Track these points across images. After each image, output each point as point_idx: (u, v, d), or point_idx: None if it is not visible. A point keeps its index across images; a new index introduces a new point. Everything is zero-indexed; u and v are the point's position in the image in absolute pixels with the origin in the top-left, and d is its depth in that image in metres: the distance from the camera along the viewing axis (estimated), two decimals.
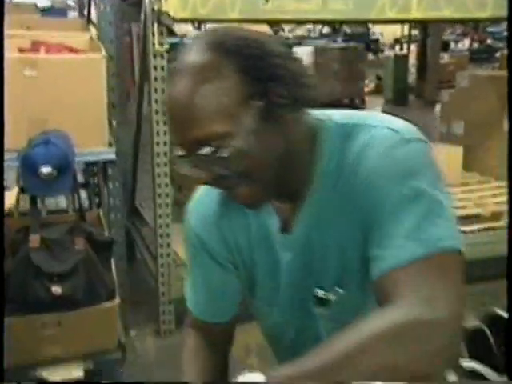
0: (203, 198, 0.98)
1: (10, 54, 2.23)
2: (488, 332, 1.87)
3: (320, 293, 0.91)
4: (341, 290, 0.89)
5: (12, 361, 2.18)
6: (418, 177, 0.77)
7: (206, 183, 0.84)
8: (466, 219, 3.30)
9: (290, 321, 0.97)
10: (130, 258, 3.44)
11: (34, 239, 2.18)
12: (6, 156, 2.10)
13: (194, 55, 0.78)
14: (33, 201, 2.35)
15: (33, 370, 2.30)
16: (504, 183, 3.54)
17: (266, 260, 0.95)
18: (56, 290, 2.18)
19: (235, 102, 0.77)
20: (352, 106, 10.20)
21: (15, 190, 2.24)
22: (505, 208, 3.22)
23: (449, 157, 3.79)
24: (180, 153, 0.80)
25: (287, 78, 0.79)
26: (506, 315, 1.90)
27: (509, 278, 1.46)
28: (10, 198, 2.25)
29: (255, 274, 0.97)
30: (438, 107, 5.21)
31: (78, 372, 2.33)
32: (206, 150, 0.77)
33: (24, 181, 2.20)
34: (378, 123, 0.84)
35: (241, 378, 0.70)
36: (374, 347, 0.67)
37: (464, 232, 3.31)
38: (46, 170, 2.09)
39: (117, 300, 2.36)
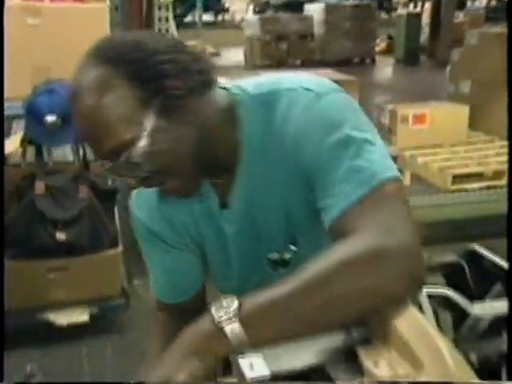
0: (142, 188, 0.98)
1: (13, 2, 2.24)
2: (466, 266, 1.95)
3: (274, 256, 0.94)
4: (294, 247, 0.92)
5: (20, 304, 2.27)
6: (339, 126, 0.80)
7: (136, 188, 0.87)
8: (469, 177, 3.32)
9: (249, 283, 0.99)
10: None
11: (39, 186, 2.23)
12: (11, 104, 2.14)
13: (83, 74, 0.81)
14: (38, 150, 2.40)
15: (40, 312, 2.39)
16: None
17: (212, 236, 0.96)
18: (60, 236, 2.24)
19: (132, 107, 0.79)
20: (362, 65, 10.09)
21: (19, 135, 2.27)
22: (506, 167, 3.23)
23: (454, 116, 3.78)
24: (105, 165, 0.84)
25: (177, 70, 0.81)
26: (484, 251, 1.97)
27: (509, 237, 1.50)
28: (14, 142, 2.29)
29: (205, 248, 0.99)
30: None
31: (83, 316, 2.42)
32: (122, 159, 0.80)
33: (29, 129, 2.24)
34: (290, 85, 0.86)
35: (215, 304, 0.72)
36: (342, 272, 0.70)
37: (466, 190, 3.34)
38: (50, 118, 2.13)
39: (120, 248, 2.43)
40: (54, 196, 2.26)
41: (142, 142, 0.79)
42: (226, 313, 0.71)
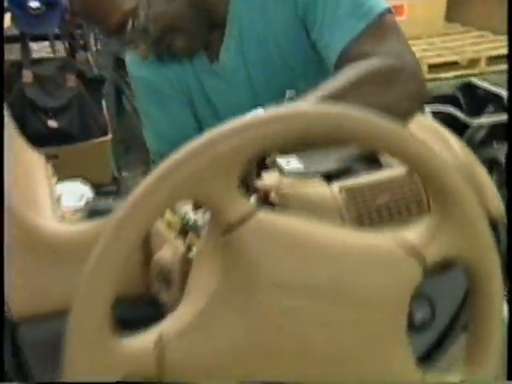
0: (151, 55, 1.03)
1: None
2: (460, 97, 2.08)
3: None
4: (292, 93, 0.95)
5: None
6: None
7: (148, 56, 0.94)
8: (444, 67, 3.40)
9: None
10: (120, 113, 3.52)
11: (27, 75, 2.28)
12: None
13: None
14: (23, 42, 2.41)
15: None
16: (485, 33, 3.62)
17: (202, 92, 1.01)
18: (52, 124, 2.32)
19: None
20: None
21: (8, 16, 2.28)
22: (482, 55, 3.33)
23: (432, 7, 3.80)
24: (117, 43, 0.91)
25: None
26: (478, 82, 2.14)
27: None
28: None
29: (195, 104, 1.03)
30: None
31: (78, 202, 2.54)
32: (129, 28, 0.88)
33: (13, 15, 2.24)
34: None
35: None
36: (357, 89, 0.74)
37: (440, 79, 3.44)
38: (34, 4, 2.14)
39: (109, 136, 2.51)
40: (42, 85, 2.31)
41: (142, 9, 0.87)
42: None
